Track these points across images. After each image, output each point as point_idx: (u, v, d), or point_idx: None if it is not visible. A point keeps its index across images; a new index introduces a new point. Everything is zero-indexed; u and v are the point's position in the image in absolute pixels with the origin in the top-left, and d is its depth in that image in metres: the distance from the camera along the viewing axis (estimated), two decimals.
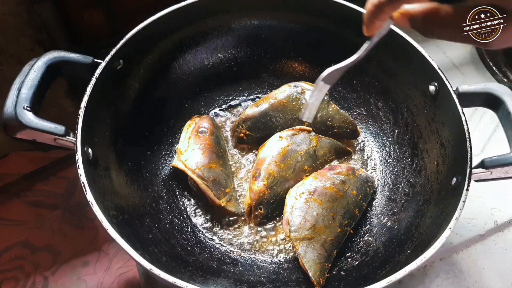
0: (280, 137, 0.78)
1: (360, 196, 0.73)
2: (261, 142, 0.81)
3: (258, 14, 0.85)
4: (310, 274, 0.64)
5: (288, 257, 0.71)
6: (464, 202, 0.58)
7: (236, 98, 0.91)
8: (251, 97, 0.91)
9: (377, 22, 0.44)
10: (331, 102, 0.85)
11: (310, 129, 0.80)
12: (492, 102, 0.66)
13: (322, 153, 0.80)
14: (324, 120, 0.83)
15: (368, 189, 0.75)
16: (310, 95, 0.69)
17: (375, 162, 0.83)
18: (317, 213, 0.68)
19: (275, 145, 0.77)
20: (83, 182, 0.56)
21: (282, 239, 0.73)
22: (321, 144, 0.80)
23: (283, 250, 0.72)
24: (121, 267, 0.86)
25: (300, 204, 0.69)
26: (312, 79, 0.87)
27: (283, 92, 0.83)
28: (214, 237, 0.73)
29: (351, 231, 0.72)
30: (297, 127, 0.80)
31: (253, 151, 0.83)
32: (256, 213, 0.73)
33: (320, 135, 0.81)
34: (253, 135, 0.82)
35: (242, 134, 0.82)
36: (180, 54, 0.85)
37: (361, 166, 0.82)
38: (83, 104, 0.62)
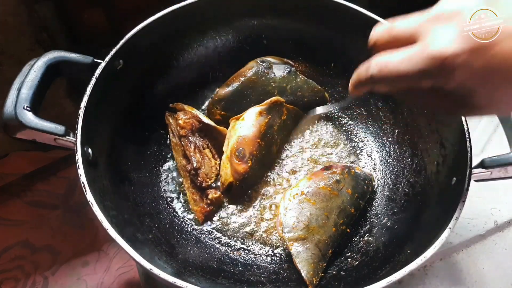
0: (260, 112, 0.78)
1: (357, 195, 0.73)
2: None
3: (258, 14, 0.85)
4: (303, 274, 0.64)
5: (288, 257, 0.71)
6: (464, 202, 0.58)
7: None
8: None
9: (360, 91, 0.50)
10: (298, 73, 0.86)
11: (283, 100, 0.81)
12: None
13: (290, 123, 0.84)
14: (294, 91, 0.85)
15: (365, 187, 0.75)
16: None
17: (375, 162, 0.83)
18: (311, 213, 0.69)
19: (256, 122, 0.77)
20: (83, 182, 0.56)
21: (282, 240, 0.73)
22: (290, 114, 0.83)
23: (283, 251, 0.72)
24: (121, 267, 0.86)
25: (294, 205, 0.69)
26: (312, 79, 0.87)
27: (251, 68, 0.84)
28: (214, 237, 0.73)
29: (348, 230, 0.72)
30: (273, 98, 0.80)
31: None
32: (235, 190, 0.75)
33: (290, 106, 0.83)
34: (229, 114, 0.83)
35: (218, 116, 0.83)
36: (180, 54, 0.85)
37: (360, 166, 0.82)
38: (83, 104, 0.62)
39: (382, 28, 0.48)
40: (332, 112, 0.88)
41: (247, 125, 0.76)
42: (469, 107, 0.44)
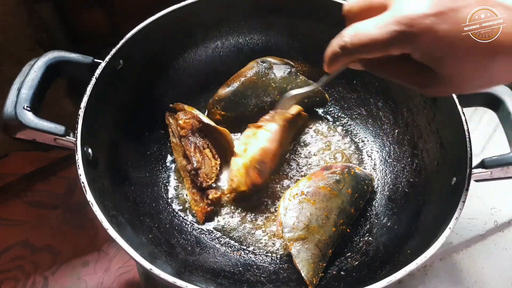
0: (285, 126, 0.77)
1: (357, 195, 0.73)
2: (238, 121, 0.83)
3: (258, 14, 0.85)
4: (303, 274, 0.64)
5: (288, 257, 0.71)
6: (464, 202, 0.58)
7: None
8: None
9: (335, 65, 0.49)
10: (298, 73, 0.86)
11: (302, 108, 0.82)
12: (492, 102, 0.66)
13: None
14: None
15: (365, 187, 0.75)
16: (275, 107, 0.79)
17: (375, 162, 0.83)
18: (311, 213, 0.69)
19: (279, 135, 0.77)
20: (83, 182, 0.56)
21: (282, 240, 0.73)
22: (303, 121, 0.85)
23: (283, 251, 0.72)
24: (121, 267, 0.86)
25: (294, 205, 0.69)
26: (312, 79, 0.87)
27: (252, 69, 0.84)
28: (214, 237, 0.73)
29: (348, 230, 0.72)
30: (297, 109, 0.81)
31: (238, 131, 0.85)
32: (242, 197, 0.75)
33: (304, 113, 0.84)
34: (229, 114, 0.83)
35: (218, 116, 0.84)
36: (180, 54, 0.85)
37: (361, 166, 0.82)
38: (83, 104, 0.62)
39: None
40: (331, 111, 0.89)
41: (271, 138, 0.76)
42: (437, 80, 0.44)
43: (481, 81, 0.44)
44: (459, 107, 0.65)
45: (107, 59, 0.67)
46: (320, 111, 0.89)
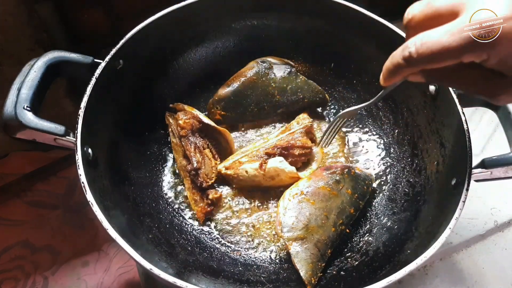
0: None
1: (356, 195, 0.73)
2: (237, 120, 0.84)
3: (258, 14, 0.85)
4: (302, 274, 0.65)
5: (287, 257, 0.71)
6: (464, 202, 0.58)
7: None
8: None
9: (394, 78, 0.47)
10: (299, 73, 0.86)
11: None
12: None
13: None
14: (294, 92, 0.85)
15: (365, 187, 0.75)
16: (327, 127, 0.78)
17: (375, 162, 0.82)
18: (310, 213, 0.69)
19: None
20: (83, 182, 0.56)
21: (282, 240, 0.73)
22: None
23: (283, 250, 0.72)
24: (121, 267, 0.86)
25: (293, 205, 0.69)
26: (312, 79, 0.87)
27: (252, 69, 0.84)
28: (214, 237, 0.73)
29: (348, 231, 0.72)
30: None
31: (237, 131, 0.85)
32: None
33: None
34: (229, 114, 0.84)
35: (218, 116, 0.84)
36: (180, 54, 0.85)
37: (361, 166, 0.82)
38: (83, 104, 0.62)
39: (420, 3, 0.44)
40: (331, 111, 0.88)
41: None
42: (509, 87, 0.42)
43: None
44: (459, 107, 0.65)
45: (107, 59, 0.67)
46: (320, 111, 0.89)
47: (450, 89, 0.67)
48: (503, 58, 0.40)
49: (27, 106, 0.58)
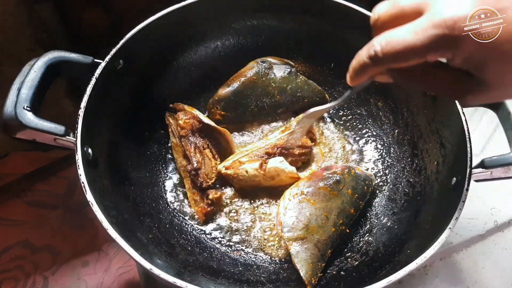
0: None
1: (356, 195, 0.73)
2: (237, 121, 0.84)
3: (258, 14, 0.85)
4: (302, 274, 0.65)
5: (287, 257, 0.71)
6: (464, 202, 0.58)
7: None
8: None
9: (361, 78, 0.47)
10: (299, 73, 0.86)
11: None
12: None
13: None
14: (294, 92, 0.85)
15: (365, 187, 0.75)
16: (293, 126, 0.78)
17: (375, 162, 0.82)
18: (310, 213, 0.69)
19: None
20: (83, 182, 0.56)
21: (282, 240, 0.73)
22: None
23: (283, 250, 0.72)
24: (121, 267, 0.86)
25: (293, 205, 0.69)
26: (311, 79, 0.87)
27: (252, 69, 0.84)
28: (214, 237, 0.73)
29: (348, 231, 0.72)
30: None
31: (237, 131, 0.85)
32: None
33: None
34: (229, 114, 0.84)
35: (218, 116, 0.84)
36: (180, 54, 0.85)
37: (361, 166, 0.82)
38: (83, 104, 0.62)
39: (386, 3, 0.45)
40: (331, 112, 0.89)
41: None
42: (478, 87, 0.41)
43: None
44: (459, 107, 0.65)
45: (107, 59, 0.67)
46: (316, 110, 0.89)
47: None
48: (468, 57, 0.39)
49: (27, 106, 0.58)
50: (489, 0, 0.38)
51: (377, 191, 0.79)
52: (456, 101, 0.62)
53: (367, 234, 0.73)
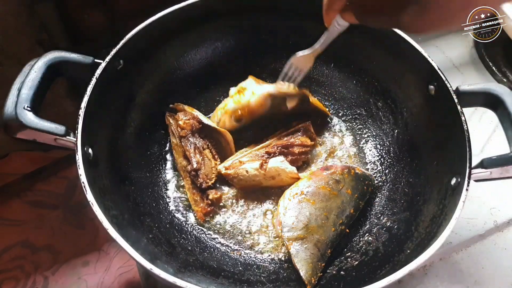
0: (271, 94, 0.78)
1: (356, 195, 0.73)
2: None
3: (258, 14, 0.85)
4: (302, 274, 0.65)
5: (288, 257, 0.71)
6: (464, 202, 0.58)
7: None
8: None
9: (330, 13, 0.52)
10: (310, 99, 0.83)
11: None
12: (491, 102, 0.66)
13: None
14: (300, 114, 0.84)
15: (365, 187, 0.75)
16: (282, 71, 0.79)
17: (375, 162, 0.83)
18: (310, 213, 0.69)
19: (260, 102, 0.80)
20: (83, 182, 0.57)
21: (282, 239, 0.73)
22: None
23: (283, 250, 0.72)
24: (121, 267, 0.86)
25: (293, 204, 0.69)
26: (311, 79, 0.87)
27: (265, 106, 0.81)
28: (214, 237, 0.73)
29: (348, 231, 0.72)
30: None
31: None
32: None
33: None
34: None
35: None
36: (180, 54, 0.85)
37: (361, 166, 0.82)
38: (83, 104, 0.62)
39: None
40: (331, 112, 0.89)
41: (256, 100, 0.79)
42: (417, 10, 0.41)
43: (464, 7, 0.40)
44: (459, 107, 0.65)
45: (107, 59, 0.67)
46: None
47: (450, 89, 0.67)
48: None
49: (27, 106, 0.58)
50: None
51: (377, 191, 0.79)
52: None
53: (367, 234, 0.73)
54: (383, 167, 0.81)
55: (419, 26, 0.44)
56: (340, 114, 0.89)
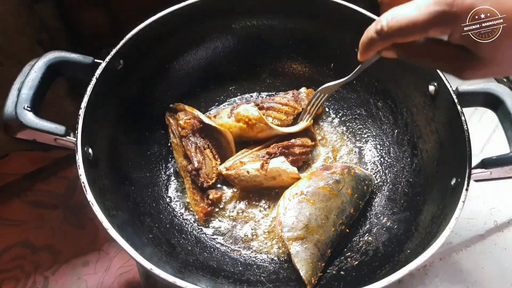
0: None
1: (356, 195, 0.73)
2: None
3: (258, 14, 0.86)
4: (302, 274, 0.65)
5: (287, 257, 0.71)
6: (464, 202, 0.58)
7: (236, 98, 0.91)
8: (251, 97, 0.91)
9: (369, 52, 0.51)
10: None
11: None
12: (491, 102, 0.66)
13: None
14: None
15: (365, 187, 0.75)
16: (308, 102, 0.82)
17: (375, 162, 0.83)
18: (310, 213, 0.69)
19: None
20: (83, 182, 0.57)
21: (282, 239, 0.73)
22: None
23: (283, 250, 0.72)
24: (121, 267, 0.86)
25: (293, 205, 0.69)
26: (311, 79, 0.88)
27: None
28: (214, 237, 0.73)
29: (348, 231, 0.72)
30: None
31: None
32: None
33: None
34: None
35: None
36: (180, 54, 0.85)
37: (361, 166, 0.82)
38: (83, 104, 0.62)
39: None
40: (331, 111, 0.89)
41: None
42: (476, 63, 0.44)
43: None
44: (459, 107, 0.65)
45: (107, 59, 0.67)
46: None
47: (450, 89, 0.67)
48: (465, 33, 0.42)
49: (27, 106, 0.58)
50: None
51: (377, 191, 0.79)
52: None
53: (367, 234, 0.73)
54: (383, 167, 0.81)
55: (476, 77, 0.47)
56: (340, 114, 0.89)
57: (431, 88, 0.72)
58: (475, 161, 0.61)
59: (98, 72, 0.66)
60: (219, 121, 0.81)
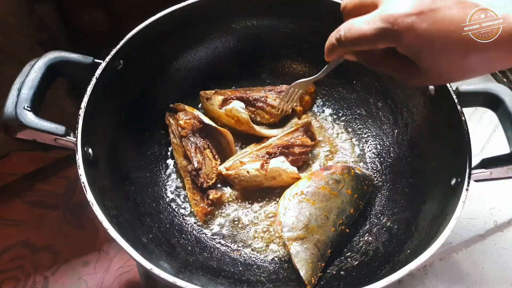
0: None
1: (356, 195, 0.73)
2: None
3: (258, 14, 0.86)
4: (302, 274, 0.65)
5: (287, 257, 0.71)
6: (464, 202, 0.58)
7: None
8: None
9: (332, 55, 0.56)
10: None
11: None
12: (491, 102, 0.66)
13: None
14: None
15: (365, 187, 0.75)
16: (281, 99, 0.84)
17: (375, 162, 0.83)
18: (310, 213, 0.69)
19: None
20: (83, 182, 0.57)
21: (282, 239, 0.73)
22: None
23: (283, 250, 0.72)
24: (121, 267, 0.86)
25: (293, 205, 0.69)
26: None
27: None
28: (214, 237, 0.73)
29: (348, 231, 0.72)
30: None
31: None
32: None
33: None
34: None
35: None
36: (180, 54, 0.85)
37: (361, 166, 0.82)
38: (84, 104, 0.62)
39: None
40: (331, 112, 0.89)
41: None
42: (420, 72, 0.49)
43: (459, 73, 0.49)
44: (459, 107, 0.65)
45: (107, 59, 0.67)
46: (320, 111, 0.89)
47: (450, 89, 0.67)
48: (406, 48, 0.47)
49: (27, 106, 0.58)
50: (425, 1, 0.45)
51: (377, 191, 0.79)
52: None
53: (367, 234, 0.73)
54: (383, 167, 0.81)
55: (421, 84, 0.55)
56: (340, 114, 0.89)
57: (431, 88, 0.72)
58: (475, 161, 0.61)
59: (98, 72, 0.66)
60: (210, 107, 0.84)
